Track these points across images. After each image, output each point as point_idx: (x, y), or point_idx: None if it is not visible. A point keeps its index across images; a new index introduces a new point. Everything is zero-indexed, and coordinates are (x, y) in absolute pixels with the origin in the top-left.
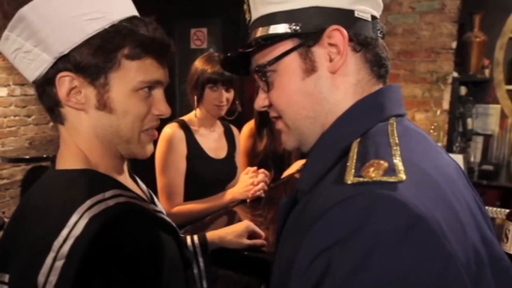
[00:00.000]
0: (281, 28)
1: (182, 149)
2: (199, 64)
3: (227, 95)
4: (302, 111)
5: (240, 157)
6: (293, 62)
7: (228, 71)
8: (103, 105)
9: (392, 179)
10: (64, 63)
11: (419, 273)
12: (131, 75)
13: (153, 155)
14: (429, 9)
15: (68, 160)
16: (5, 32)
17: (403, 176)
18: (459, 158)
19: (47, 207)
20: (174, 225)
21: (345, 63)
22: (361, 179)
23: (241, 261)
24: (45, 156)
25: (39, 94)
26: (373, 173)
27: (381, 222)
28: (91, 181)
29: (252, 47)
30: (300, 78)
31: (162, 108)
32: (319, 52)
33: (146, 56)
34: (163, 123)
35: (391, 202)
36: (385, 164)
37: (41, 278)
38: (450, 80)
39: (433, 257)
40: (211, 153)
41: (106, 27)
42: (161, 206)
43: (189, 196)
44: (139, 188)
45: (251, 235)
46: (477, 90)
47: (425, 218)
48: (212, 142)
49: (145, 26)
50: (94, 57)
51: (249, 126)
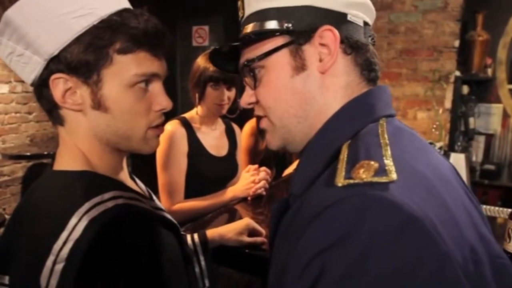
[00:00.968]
0: (272, 24)
1: (183, 146)
2: (201, 62)
3: (229, 94)
4: (289, 109)
5: (241, 155)
6: (282, 58)
7: (217, 67)
8: (97, 104)
9: (383, 179)
10: (56, 64)
11: (414, 272)
12: (124, 69)
13: (154, 152)
14: (432, 7)
15: (67, 160)
16: None
17: (394, 176)
18: (461, 157)
19: (46, 209)
20: (174, 221)
21: (335, 64)
22: (352, 180)
23: (242, 259)
24: (46, 153)
25: (37, 97)
26: (364, 174)
27: (374, 223)
28: (89, 183)
29: (243, 41)
30: (289, 75)
31: (163, 101)
32: (310, 51)
33: (139, 49)
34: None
35: (382, 202)
36: (376, 165)
37: (42, 281)
38: (452, 79)
39: (428, 256)
40: (212, 151)
41: (95, 23)
42: (160, 203)
43: (190, 193)
44: (138, 187)
45: (252, 233)
46: (480, 89)
47: (418, 217)
48: (214, 140)
49: (135, 18)
50: (85, 55)
51: (251, 124)
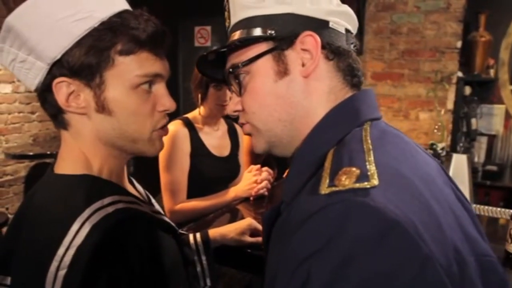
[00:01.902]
0: (256, 32)
1: (186, 146)
2: None
3: (231, 95)
4: (274, 114)
5: (243, 156)
6: (266, 64)
7: (204, 75)
8: (101, 107)
9: (364, 185)
10: (58, 68)
11: (397, 276)
12: (126, 71)
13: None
14: (434, 8)
15: (68, 164)
16: None
17: (375, 182)
18: (463, 158)
19: (47, 213)
20: (172, 224)
21: (317, 69)
22: (335, 188)
23: (243, 258)
24: (49, 152)
25: (41, 102)
26: (346, 181)
27: (356, 229)
28: (89, 187)
29: (228, 48)
30: (272, 80)
31: (166, 102)
32: (292, 56)
33: (140, 50)
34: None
35: (364, 208)
36: (357, 171)
37: (47, 287)
38: (454, 80)
39: (410, 260)
40: (215, 151)
41: (96, 25)
42: (158, 207)
43: (192, 193)
44: (136, 190)
45: (254, 233)
46: (482, 90)
47: (399, 222)
48: (216, 140)
49: (135, 19)
50: (87, 58)
51: None
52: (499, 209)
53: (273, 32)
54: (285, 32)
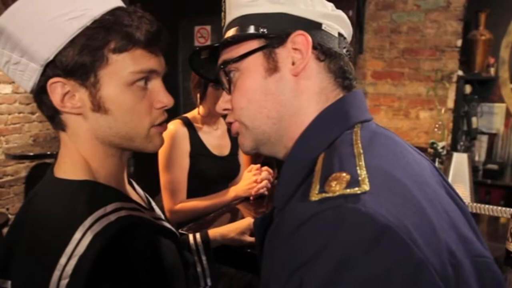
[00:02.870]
0: (249, 29)
1: (185, 146)
2: None
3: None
4: (263, 110)
5: (243, 155)
6: (256, 61)
7: (197, 74)
8: (97, 106)
9: (355, 190)
10: (52, 69)
11: (391, 282)
12: (121, 68)
13: (156, 151)
14: (434, 7)
15: (69, 168)
16: None
17: (366, 187)
18: (463, 157)
19: (49, 220)
20: (173, 229)
21: (307, 69)
22: (325, 194)
23: (243, 258)
24: (49, 153)
25: (37, 104)
26: (336, 186)
27: (348, 236)
28: (91, 194)
29: (220, 45)
30: (262, 76)
31: (164, 99)
32: (283, 54)
33: (134, 47)
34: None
35: (355, 214)
36: (347, 176)
37: None
38: (455, 79)
39: (403, 264)
40: (214, 151)
41: (88, 24)
42: (159, 210)
43: (192, 193)
44: (136, 193)
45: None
46: (482, 88)
47: (391, 227)
48: (215, 140)
49: (129, 16)
50: (81, 57)
51: None
52: (499, 208)
53: (265, 30)
54: (277, 31)
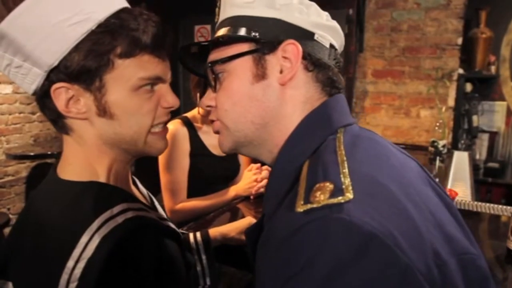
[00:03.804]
0: (241, 31)
1: (185, 146)
2: None
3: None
4: (247, 115)
5: None
6: (245, 64)
7: (186, 69)
8: (103, 111)
9: (339, 200)
10: (56, 74)
11: None
12: (128, 74)
13: None
14: (435, 5)
15: (74, 169)
16: None
17: (350, 195)
18: (464, 155)
19: (54, 222)
20: (176, 229)
21: (295, 78)
22: (310, 205)
23: (244, 258)
24: (50, 153)
25: (40, 108)
26: (321, 196)
27: (335, 246)
28: (97, 196)
29: (211, 43)
30: (249, 82)
31: (170, 99)
32: (272, 62)
33: (141, 52)
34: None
35: (340, 224)
36: (331, 186)
37: None
38: (455, 77)
39: (390, 271)
40: (214, 150)
41: (93, 28)
42: (161, 210)
43: (192, 193)
44: (140, 193)
45: None
46: (483, 87)
47: (376, 234)
48: (215, 139)
49: (135, 19)
50: (86, 62)
51: None
52: (500, 206)
53: (257, 34)
54: (268, 37)
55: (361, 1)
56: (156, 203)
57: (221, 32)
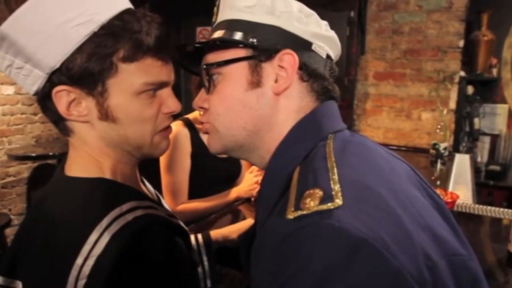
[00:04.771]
0: (238, 36)
1: (187, 147)
2: None
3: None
4: (239, 121)
5: None
6: (241, 70)
7: (182, 67)
8: (105, 115)
9: (328, 206)
10: (58, 76)
11: None
12: (131, 78)
13: None
14: (436, 7)
15: (81, 167)
16: None
17: (339, 201)
18: (465, 158)
19: (63, 219)
20: (185, 227)
21: (289, 88)
22: (300, 212)
23: None
24: (51, 154)
25: (42, 109)
26: (311, 203)
27: (325, 252)
28: (106, 193)
29: (206, 44)
30: (243, 88)
31: (172, 105)
32: (268, 70)
33: (144, 56)
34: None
35: (330, 230)
36: (320, 193)
37: None
38: (457, 79)
39: (381, 275)
40: None
41: (96, 30)
42: (168, 208)
43: (193, 194)
44: (147, 190)
45: None
46: (485, 89)
47: (366, 239)
48: None
49: (138, 22)
50: (88, 65)
51: None
52: (502, 209)
53: (254, 40)
54: (266, 44)
55: (363, 3)
56: (163, 201)
57: (218, 34)
